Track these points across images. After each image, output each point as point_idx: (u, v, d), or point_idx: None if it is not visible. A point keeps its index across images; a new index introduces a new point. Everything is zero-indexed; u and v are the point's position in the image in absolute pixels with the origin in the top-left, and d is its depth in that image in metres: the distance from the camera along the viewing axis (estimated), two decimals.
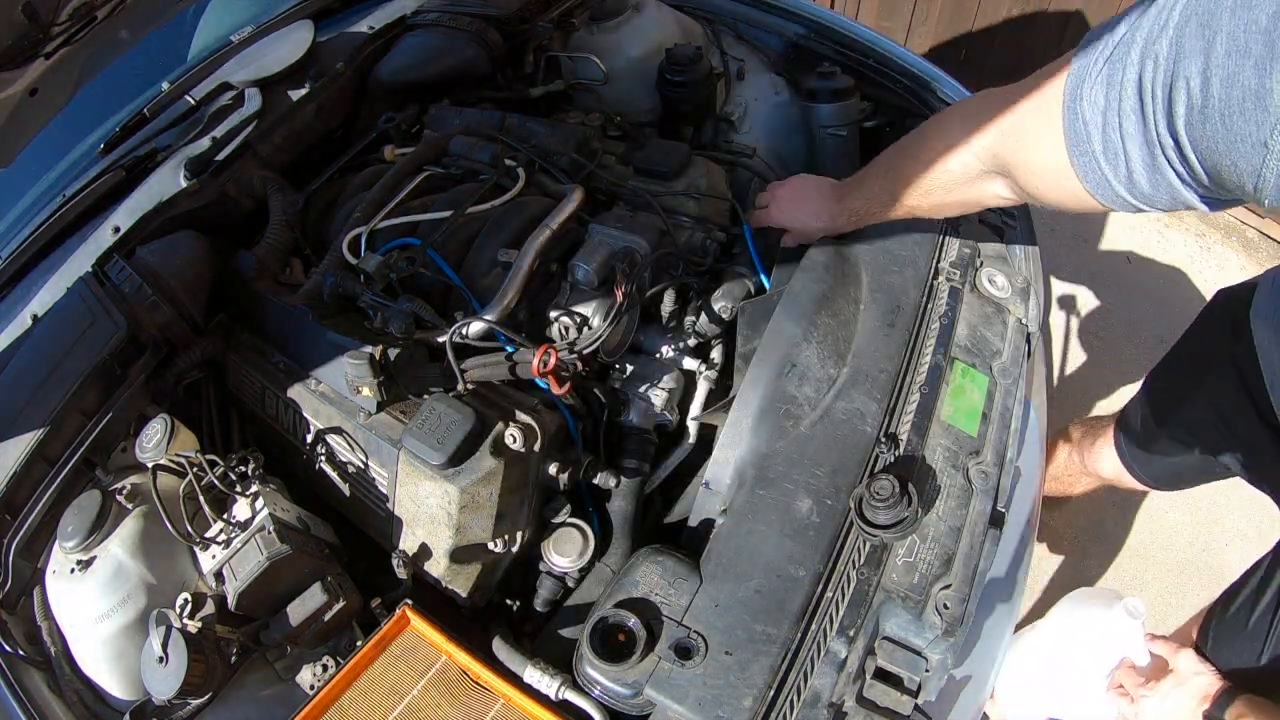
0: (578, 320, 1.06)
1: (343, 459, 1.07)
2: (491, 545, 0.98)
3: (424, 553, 0.98)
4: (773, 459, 0.94)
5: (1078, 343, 2.45)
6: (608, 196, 1.29)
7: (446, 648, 0.86)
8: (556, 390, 0.98)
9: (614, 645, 0.82)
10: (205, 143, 1.34)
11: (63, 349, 1.11)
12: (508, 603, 1.07)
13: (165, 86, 1.46)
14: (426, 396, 1.01)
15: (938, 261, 1.16)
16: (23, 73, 1.28)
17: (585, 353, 1.01)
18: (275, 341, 1.17)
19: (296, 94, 1.43)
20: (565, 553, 1.01)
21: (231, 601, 0.89)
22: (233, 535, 0.94)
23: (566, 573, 1.02)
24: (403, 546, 1.00)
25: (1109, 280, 2.57)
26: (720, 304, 1.16)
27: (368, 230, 1.14)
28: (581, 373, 1.05)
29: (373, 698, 0.83)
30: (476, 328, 1.02)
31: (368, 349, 0.98)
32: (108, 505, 0.97)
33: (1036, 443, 1.17)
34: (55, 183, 1.40)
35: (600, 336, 1.01)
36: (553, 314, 1.07)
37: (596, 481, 1.05)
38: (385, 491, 1.02)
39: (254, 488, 0.98)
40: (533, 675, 0.87)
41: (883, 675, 0.82)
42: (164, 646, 0.83)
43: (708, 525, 0.98)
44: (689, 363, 1.14)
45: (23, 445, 1.03)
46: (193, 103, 1.41)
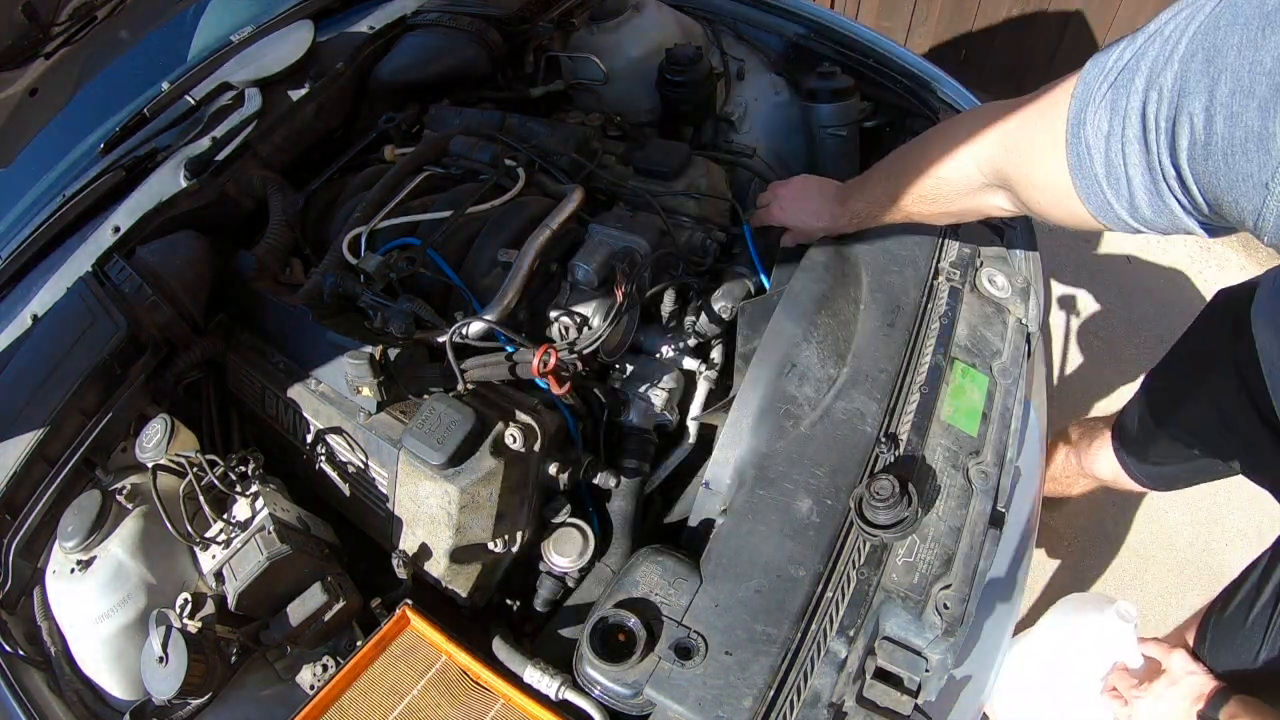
0: (578, 320, 1.06)
1: (343, 459, 1.07)
2: (491, 545, 0.98)
3: (424, 553, 0.98)
4: (773, 459, 0.95)
5: (1078, 343, 2.45)
6: (608, 196, 1.29)
7: (446, 648, 0.86)
8: (556, 390, 0.98)
9: (614, 645, 0.82)
10: (205, 143, 1.34)
11: (63, 349, 1.11)
12: (508, 603, 1.07)
13: (165, 86, 1.46)
14: (426, 396, 1.01)
15: (938, 261, 1.16)
16: (23, 73, 1.28)
17: (585, 353, 1.01)
18: (275, 341, 1.17)
19: (296, 94, 1.43)
20: (565, 553, 1.01)
21: (231, 601, 0.89)
22: (233, 535, 0.94)
23: (566, 573, 1.02)
24: (403, 546, 1.00)
25: (1109, 280, 2.57)
26: (720, 304, 1.16)
27: (368, 230, 1.14)
28: (581, 373, 1.05)
29: (373, 698, 0.83)
30: (476, 328, 1.02)
31: (368, 349, 0.98)
32: (108, 505, 0.97)
33: (1036, 443, 1.17)
34: (55, 183, 1.40)
35: (600, 336, 1.01)
36: (553, 314, 1.07)
37: (596, 481, 1.05)
38: (385, 491, 1.02)
39: (254, 488, 0.98)
40: (533, 675, 0.87)
41: (883, 675, 0.82)
42: (164, 646, 0.83)
43: (708, 525, 0.98)
44: (689, 363, 1.14)
45: (23, 445, 1.03)
46: (193, 103, 1.41)
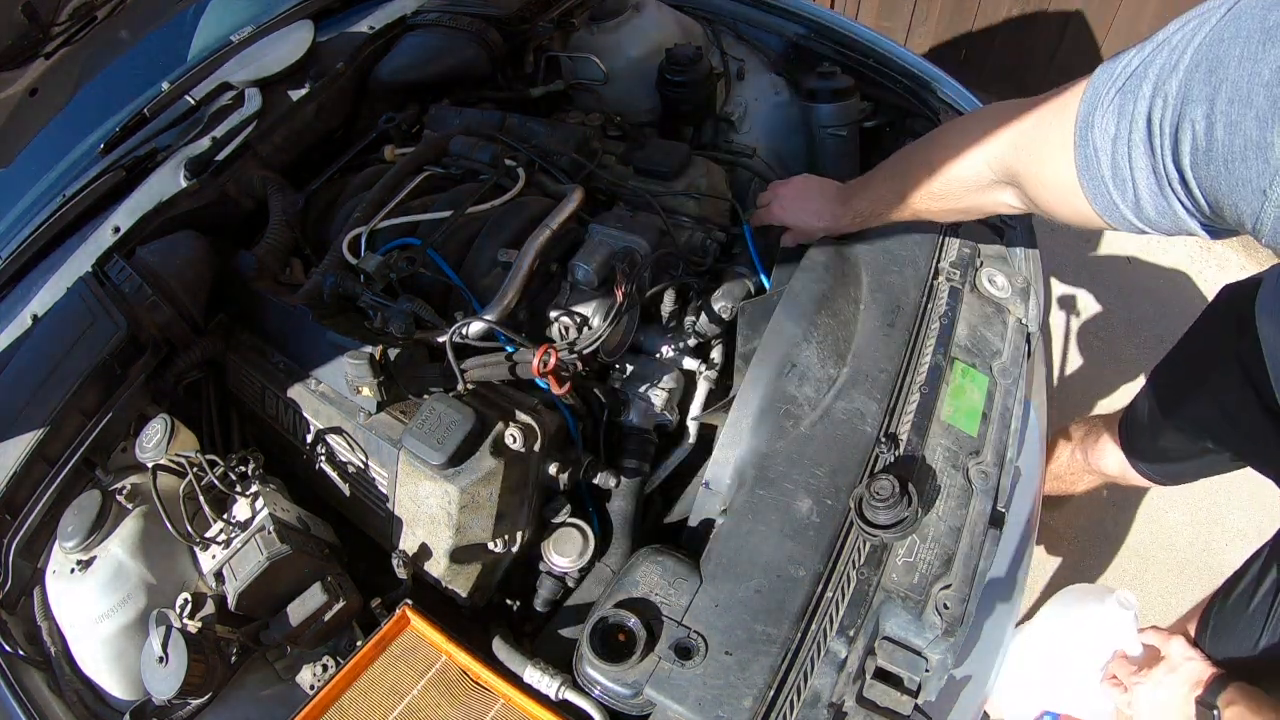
0: (578, 320, 1.06)
1: (343, 459, 1.07)
2: (491, 545, 0.98)
3: (424, 553, 0.98)
4: (773, 459, 0.94)
5: (1078, 343, 2.45)
6: (608, 196, 1.29)
7: (446, 648, 0.86)
8: (556, 390, 0.98)
9: (614, 645, 0.82)
10: (205, 143, 1.34)
11: (63, 349, 1.11)
12: (508, 603, 1.07)
13: (165, 86, 1.46)
14: (426, 396, 1.01)
15: (938, 261, 1.16)
16: (23, 73, 1.28)
17: (585, 353, 1.01)
18: (275, 341, 1.17)
19: (296, 94, 1.43)
20: (565, 553, 1.01)
21: (231, 601, 0.89)
22: (233, 535, 0.94)
23: (566, 573, 1.02)
24: (403, 546, 1.00)
25: (1109, 280, 2.57)
26: (720, 304, 1.16)
27: (368, 230, 1.14)
28: (581, 373, 1.05)
29: (373, 698, 0.83)
30: (476, 328, 1.02)
31: (368, 349, 0.98)
32: (108, 505, 0.97)
33: (1036, 443, 1.17)
34: (55, 183, 1.40)
35: (600, 336, 1.01)
36: (553, 314, 1.07)
37: (596, 481, 1.05)
38: (385, 491, 1.02)
39: (254, 488, 0.98)
40: (533, 675, 0.87)
41: (883, 675, 0.82)
42: (164, 646, 0.83)
43: (708, 525, 0.98)
44: (689, 363, 1.14)
45: (23, 445, 1.03)
46: (193, 103, 1.41)
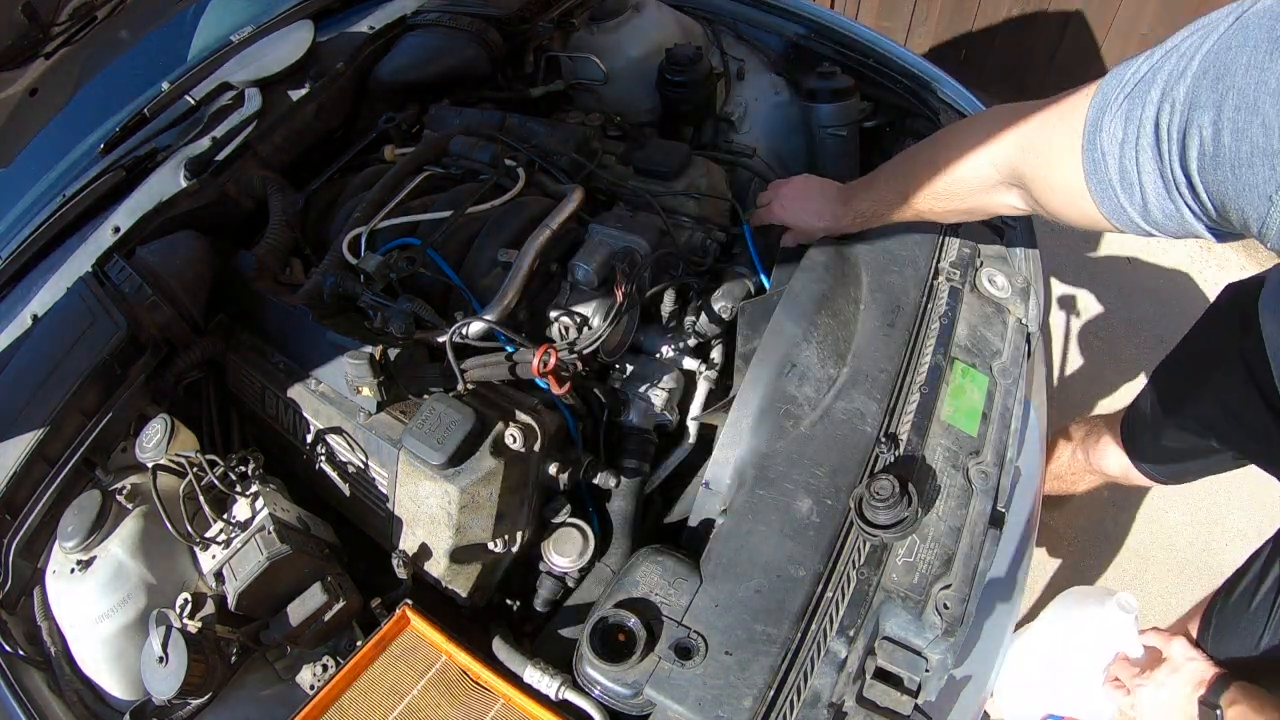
0: (578, 320, 1.06)
1: (343, 459, 1.07)
2: (491, 545, 0.98)
3: (424, 553, 0.98)
4: (773, 459, 0.94)
5: (1078, 343, 2.45)
6: (608, 196, 1.29)
7: (446, 648, 0.86)
8: (556, 390, 0.98)
9: (614, 645, 0.82)
10: (205, 143, 1.34)
11: (63, 349, 1.11)
12: (508, 603, 1.07)
13: (165, 86, 1.46)
14: (426, 396, 1.01)
15: (938, 261, 1.16)
16: (23, 73, 1.28)
17: (585, 353, 1.01)
18: (275, 341, 1.17)
19: (296, 94, 1.43)
20: (565, 553, 1.01)
21: (231, 601, 0.89)
22: (233, 535, 0.94)
23: (566, 573, 1.02)
24: (403, 546, 1.00)
25: (1109, 280, 2.56)
26: (720, 304, 1.16)
27: (368, 230, 1.14)
28: (581, 373, 1.05)
29: (373, 698, 0.83)
30: (476, 328, 1.02)
31: (368, 349, 0.98)
32: (108, 505, 0.97)
33: (1036, 443, 1.17)
34: (55, 183, 1.40)
35: (600, 336, 1.01)
36: (553, 314, 1.07)
37: (596, 481, 1.05)
38: (385, 491, 1.02)
39: (254, 488, 0.98)
40: (533, 675, 0.87)
41: (883, 675, 0.82)
42: (164, 646, 0.83)
43: (708, 525, 0.98)
44: (689, 363, 1.14)
45: (23, 445, 1.03)
46: (193, 103, 1.41)
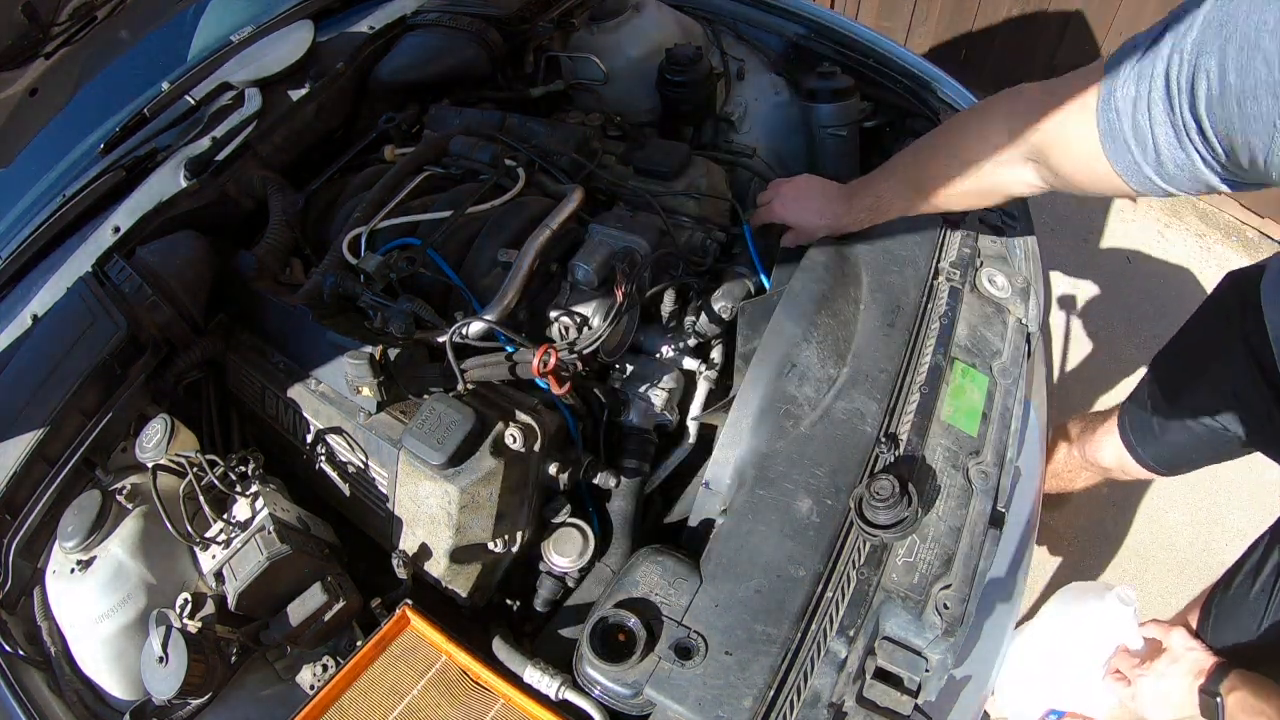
0: (578, 320, 1.06)
1: (343, 459, 1.07)
2: (491, 545, 0.98)
3: (424, 553, 0.98)
4: (773, 459, 0.94)
5: (1078, 343, 2.45)
6: (608, 196, 1.29)
7: (446, 648, 0.86)
8: (556, 390, 0.98)
9: (614, 645, 0.82)
10: (205, 143, 1.34)
11: (63, 349, 1.11)
12: (508, 603, 1.07)
13: (165, 86, 1.46)
14: (426, 396, 1.01)
15: (938, 261, 1.16)
16: (23, 73, 1.28)
17: (585, 353, 1.01)
18: (275, 341, 1.17)
19: (296, 94, 1.43)
20: (565, 553, 1.01)
21: (231, 601, 0.89)
22: (233, 535, 0.94)
23: (566, 573, 1.02)
24: (403, 546, 1.00)
25: (1109, 280, 2.57)
26: (720, 304, 1.16)
27: (368, 230, 1.14)
28: (581, 373, 1.05)
29: (373, 698, 0.83)
30: (476, 328, 1.02)
31: (368, 349, 0.98)
32: (108, 505, 0.97)
33: (1036, 443, 1.17)
34: (55, 183, 1.40)
35: (600, 336, 1.01)
36: (553, 314, 1.07)
37: (596, 481, 1.05)
38: (385, 491, 1.02)
39: (254, 488, 0.98)
40: (533, 675, 0.87)
41: (883, 675, 0.82)
42: (164, 646, 0.83)
43: (708, 525, 0.98)
44: (689, 363, 1.14)
45: (23, 445, 1.03)
46: (193, 103, 1.41)
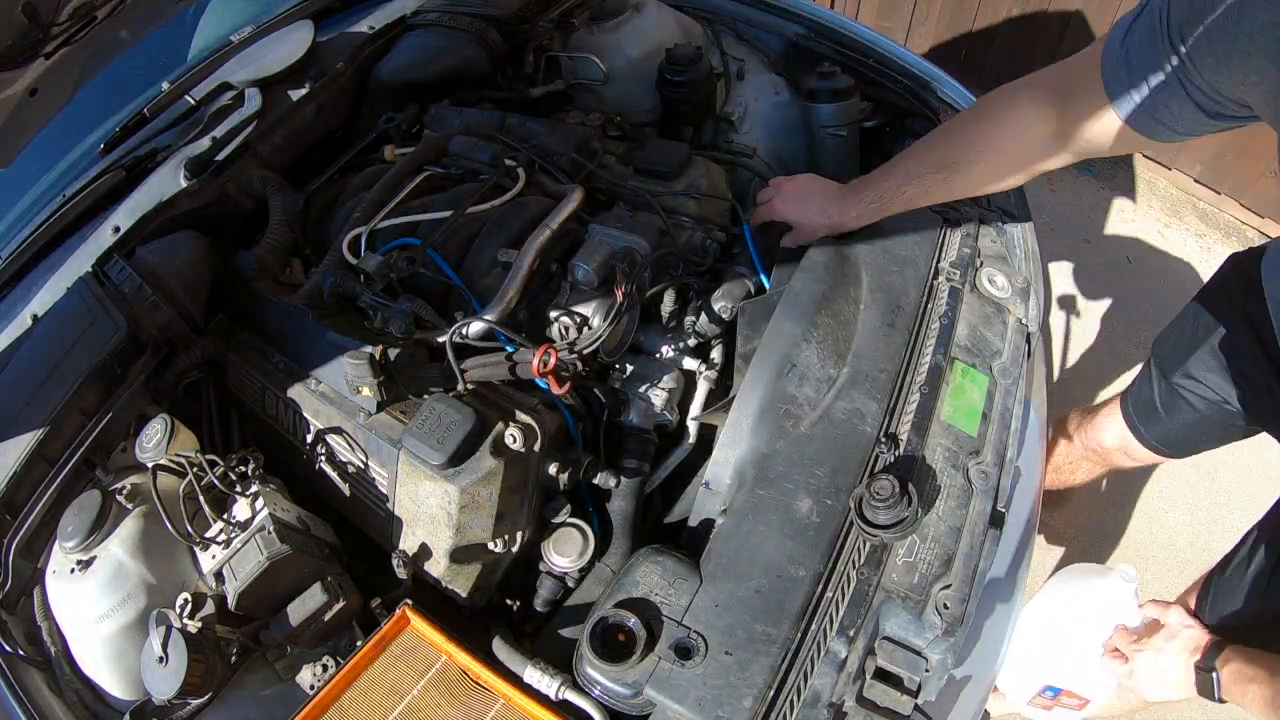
0: (578, 320, 1.06)
1: (343, 459, 1.07)
2: (491, 545, 0.98)
3: (424, 553, 0.98)
4: (773, 459, 0.94)
5: (1078, 342, 2.45)
6: (608, 196, 1.29)
7: (446, 648, 0.86)
8: (556, 390, 0.98)
9: (614, 645, 0.82)
10: (205, 143, 1.34)
11: (63, 349, 1.11)
12: (508, 603, 1.07)
13: (165, 86, 1.46)
14: (426, 396, 1.01)
15: (938, 261, 1.16)
16: (23, 73, 1.28)
17: (585, 353, 1.01)
18: (275, 341, 1.17)
19: (296, 94, 1.43)
20: (565, 553, 1.01)
21: (231, 601, 0.89)
22: (233, 535, 0.94)
23: (566, 573, 1.02)
24: (403, 546, 1.00)
25: (1109, 280, 2.57)
26: (720, 304, 1.16)
27: (368, 230, 1.14)
28: (581, 373, 1.05)
29: (373, 698, 0.83)
30: (476, 328, 1.02)
31: (368, 349, 0.98)
32: (108, 505, 0.97)
33: (1036, 443, 1.17)
34: (55, 183, 1.40)
35: (600, 336, 1.01)
36: (553, 314, 1.07)
37: (596, 481, 1.05)
38: (385, 491, 1.02)
39: (254, 488, 0.98)
40: (533, 675, 0.87)
41: (883, 675, 0.82)
42: (164, 646, 0.83)
43: (708, 525, 0.98)
44: (689, 363, 1.14)
45: (23, 445, 1.03)
46: (193, 103, 1.41)
